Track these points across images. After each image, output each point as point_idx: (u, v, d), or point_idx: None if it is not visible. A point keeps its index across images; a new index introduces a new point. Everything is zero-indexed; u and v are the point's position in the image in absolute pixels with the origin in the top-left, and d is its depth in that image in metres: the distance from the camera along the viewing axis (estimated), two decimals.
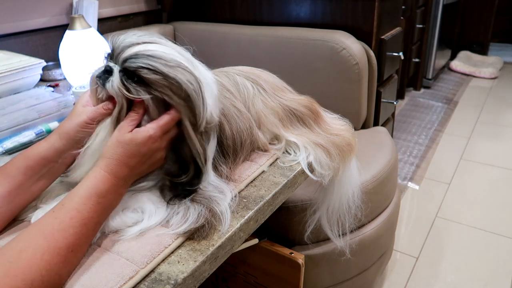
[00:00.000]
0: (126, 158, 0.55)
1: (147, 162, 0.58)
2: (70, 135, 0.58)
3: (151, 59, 0.55)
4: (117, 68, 0.56)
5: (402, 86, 2.90)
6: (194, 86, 0.57)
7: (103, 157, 0.55)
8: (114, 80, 0.56)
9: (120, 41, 0.57)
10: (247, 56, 1.50)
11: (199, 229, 0.56)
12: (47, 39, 1.43)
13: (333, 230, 0.90)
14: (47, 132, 0.91)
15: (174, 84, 0.55)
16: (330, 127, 0.81)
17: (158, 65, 0.54)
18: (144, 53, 0.55)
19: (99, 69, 0.58)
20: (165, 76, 0.55)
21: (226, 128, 0.68)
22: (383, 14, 1.37)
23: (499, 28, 3.89)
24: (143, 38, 0.57)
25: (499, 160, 2.19)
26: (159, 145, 0.58)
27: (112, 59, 0.58)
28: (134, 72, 0.55)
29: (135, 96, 0.55)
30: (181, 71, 0.56)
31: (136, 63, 0.54)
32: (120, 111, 0.57)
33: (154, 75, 0.54)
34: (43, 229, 0.48)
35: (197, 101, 0.57)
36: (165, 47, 0.57)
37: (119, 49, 0.56)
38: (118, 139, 0.55)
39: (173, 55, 0.57)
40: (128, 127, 0.56)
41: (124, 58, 0.55)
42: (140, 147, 0.56)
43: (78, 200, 0.51)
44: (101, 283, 0.48)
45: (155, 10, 1.81)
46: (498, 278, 1.42)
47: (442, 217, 1.75)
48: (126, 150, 0.55)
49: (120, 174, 0.55)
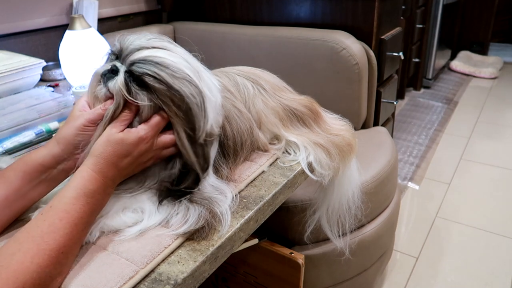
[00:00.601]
0: (115, 158, 0.54)
1: (135, 162, 0.57)
2: (68, 140, 0.57)
3: (158, 67, 0.54)
4: (123, 69, 0.56)
5: (402, 86, 2.90)
6: (197, 99, 0.56)
7: (92, 155, 0.54)
8: (119, 80, 0.55)
9: (129, 42, 0.57)
10: (247, 56, 1.50)
11: (199, 230, 0.56)
12: (47, 39, 1.43)
13: (333, 230, 0.90)
14: (47, 132, 0.91)
15: (176, 96, 0.55)
16: (330, 127, 0.81)
17: (164, 74, 0.54)
18: (152, 59, 0.55)
19: (104, 66, 0.58)
20: (169, 87, 0.55)
21: (227, 128, 0.68)
22: (383, 14, 1.37)
23: (499, 28, 3.89)
24: (152, 42, 0.57)
25: (499, 160, 2.19)
26: (149, 146, 0.57)
27: (118, 59, 0.57)
28: (139, 77, 0.55)
29: (135, 100, 0.55)
30: (186, 84, 0.55)
31: (143, 68, 0.54)
32: (116, 110, 0.56)
33: (159, 84, 0.54)
34: (32, 232, 0.48)
35: (198, 114, 0.57)
36: (174, 55, 0.57)
37: (127, 50, 0.56)
38: (109, 138, 0.55)
39: (181, 64, 0.56)
40: (120, 126, 0.56)
41: (132, 61, 0.55)
42: (130, 147, 0.55)
43: (67, 201, 0.51)
44: (101, 283, 0.48)
45: (155, 10, 1.81)
46: (498, 278, 1.42)
47: (442, 217, 1.75)
48: (115, 150, 0.54)
49: (109, 174, 0.54)
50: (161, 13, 1.82)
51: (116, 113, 0.56)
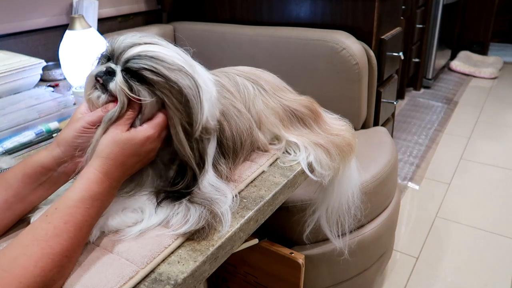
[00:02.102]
0: (123, 158, 0.54)
1: (141, 161, 0.57)
2: (68, 142, 0.57)
3: (154, 60, 0.54)
4: (119, 68, 0.56)
5: (402, 86, 2.90)
6: (193, 91, 0.56)
7: (98, 156, 0.54)
8: (118, 79, 0.55)
9: (120, 41, 0.57)
10: (247, 56, 1.50)
11: (200, 230, 0.56)
12: (47, 39, 1.43)
13: (333, 230, 0.90)
14: (47, 132, 0.91)
15: (174, 88, 0.55)
16: (330, 127, 0.81)
17: (160, 67, 0.54)
18: (146, 54, 0.55)
19: (98, 69, 0.58)
20: (167, 80, 0.55)
21: (226, 128, 0.68)
22: (383, 14, 1.37)
23: (499, 28, 3.89)
24: (144, 39, 0.57)
25: (499, 160, 2.19)
26: (156, 144, 0.57)
27: (112, 60, 0.57)
28: (136, 72, 0.55)
29: (138, 97, 0.55)
30: (182, 75, 0.56)
31: (139, 63, 0.54)
32: (121, 110, 0.56)
33: (157, 77, 0.54)
34: (37, 235, 0.47)
35: (195, 106, 0.57)
36: (167, 49, 0.57)
37: (120, 49, 0.56)
38: (115, 139, 0.54)
39: (174, 57, 0.56)
40: (124, 126, 0.55)
41: (126, 58, 0.55)
42: (137, 146, 0.55)
43: (72, 204, 0.50)
44: (101, 283, 0.48)
45: (155, 10, 1.81)
46: (498, 278, 1.42)
47: (442, 217, 1.75)
48: (123, 150, 0.54)
49: (115, 175, 0.54)
50: (161, 13, 1.82)
51: (121, 113, 0.56)
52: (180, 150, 0.58)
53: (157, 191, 0.60)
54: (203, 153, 0.61)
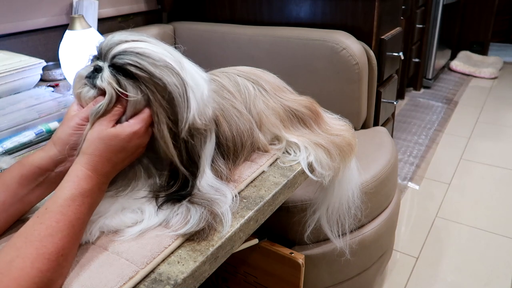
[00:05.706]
0: (109, 154, 0.54)
1: (129, 157, 0.57)
2: (63, 140, 0.57)
3: (139, 56, 0.54)
4: (107, 65, 0.56)
5: (402, 86, 2.90)
6: (179, 88, 0.56)
7: (83, 153, 0.53)
8: (105, 74, 0.55)
9: (108, 39, 0.57)
10: (247, 56, 1.50)
11: (200, 231, 0.56)
12: (47, 39, 1.43)
13: (333, 230, 0.90)
14: (47, 132, 0.91)
15: (159, 85, 0.55)
16: (330, 127, 0.81)
17: (145, 63, 0.54)
18: (132, 50, 0.55)
19: (86, 68, 0.58)
20: (151, 76, 0.54)
21: (226, 129, 0.68)
22: (383, 14, 1.37)
23: (499, 28, 3.89)
24: (131, 37, 0.57)
25: (499, 160, 2.19)
26: (143, 140, 0.57)
27: (100, 58, 0.57)
28: (122, 67, 0.54)
29: (125, 92, 0.54)
30: (168, 72, 0.55)
31: (124, 59, 0.54)
32: (109, 103, 0.55)
33: (141, 72, 0.54)
34: (30, 236, 0.47)
35: (180, 104, 0.56)
36: (154, 46, 0.57)
37: (107, 46, 0.56)
38: (100, 135, 0.54)
39: (162, 54, 0.56)
40: (110, 122, 0.55)
41: (113, 54, 0.55)
42: (124, 142, 0.54)
43: (62, 203, 0.50)
44: (101, 283, 0.48)
45: (155, 10, 1.81)
46: (498, 278, 1.42)
47: (442, 217, 1.75)
48: (109, 146, 0.54)
49: (103, 171, 0.54)
50: (161, 13, 1.82)
51: (109, 107, 0.55)
52: (164, 149, 0.58)
53: (156, 194, 0.60)
54: (193, 154, 0.60)
